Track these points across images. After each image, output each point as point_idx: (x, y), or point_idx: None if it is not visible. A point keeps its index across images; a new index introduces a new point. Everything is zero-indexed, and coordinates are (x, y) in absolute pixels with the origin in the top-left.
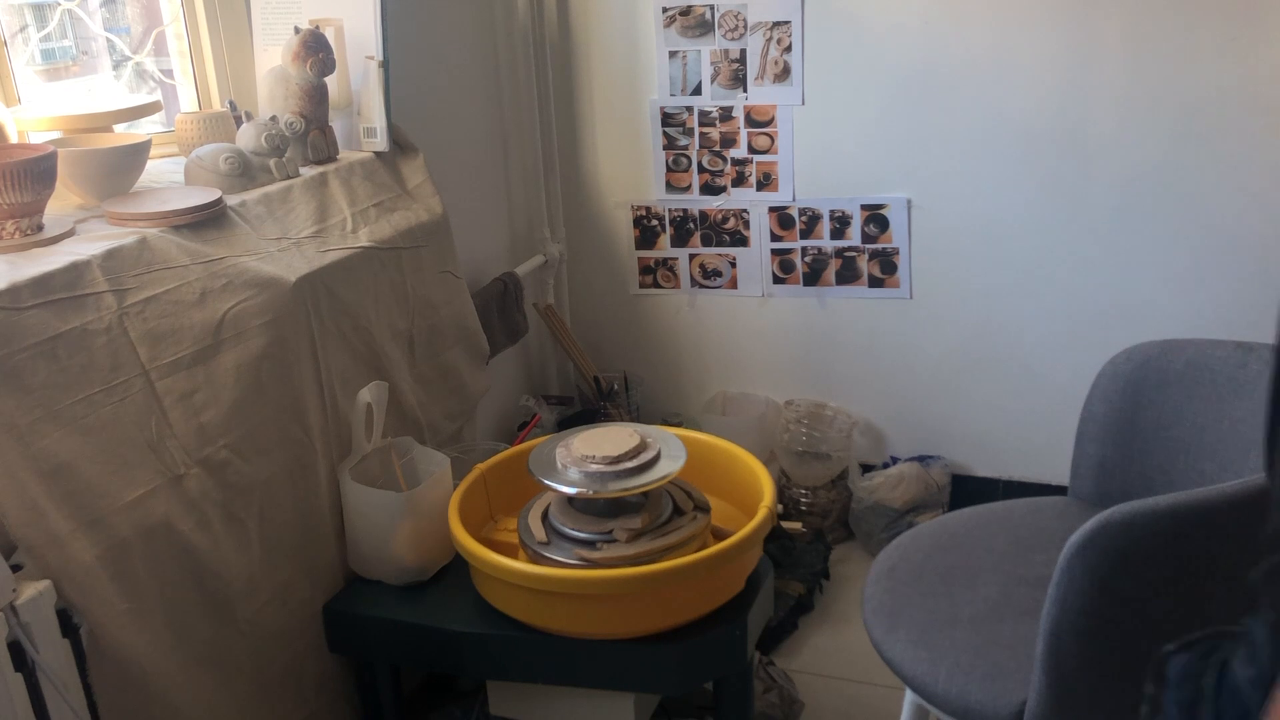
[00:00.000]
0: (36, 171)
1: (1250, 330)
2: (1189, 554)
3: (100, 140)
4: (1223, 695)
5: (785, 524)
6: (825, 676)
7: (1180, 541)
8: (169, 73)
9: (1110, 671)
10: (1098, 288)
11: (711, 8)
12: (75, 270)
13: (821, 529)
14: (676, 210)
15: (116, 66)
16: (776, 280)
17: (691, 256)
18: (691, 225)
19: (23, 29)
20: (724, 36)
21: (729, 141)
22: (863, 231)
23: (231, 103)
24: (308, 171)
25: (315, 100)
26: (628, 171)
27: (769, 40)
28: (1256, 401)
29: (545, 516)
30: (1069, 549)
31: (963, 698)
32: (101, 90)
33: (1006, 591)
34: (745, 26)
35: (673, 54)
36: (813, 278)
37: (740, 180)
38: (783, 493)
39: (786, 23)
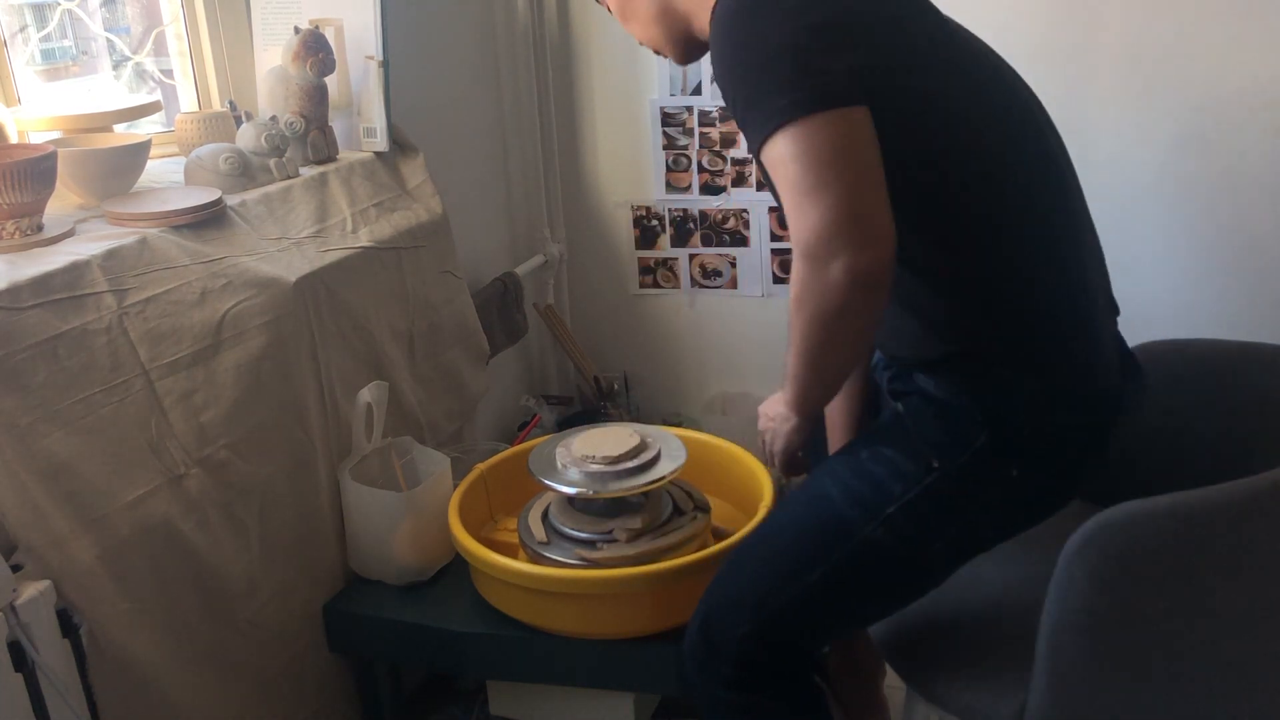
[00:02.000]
0: (36, 171)
1: (1255, 330)
2: (1188, 553)
3: (100, 140)
4: None
5: None
6: None
7: (1180, 540)
8: (169, 73)
9: (1110, 671)
10: None
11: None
12: (75, 270)
13: None
14: (676, 210)
15: (116, 66)
16: (777, 280)
17: (691, 256)
18: (691, 225)
19: (23, 29)
20: None
21: (729, 141)
22: None
23: (231, 103)
24: (308, 171)
25: (315, 100)
26: (628, 171)
27: None
28: (1257, 403)
29: (545, 516)
30: (1068, 548)
31: (962, 697)
32: (101, 90)
33: (1006, 590)
34: None
35: None
36: None
37: (740, 180)
38: (782, 492)
39: None
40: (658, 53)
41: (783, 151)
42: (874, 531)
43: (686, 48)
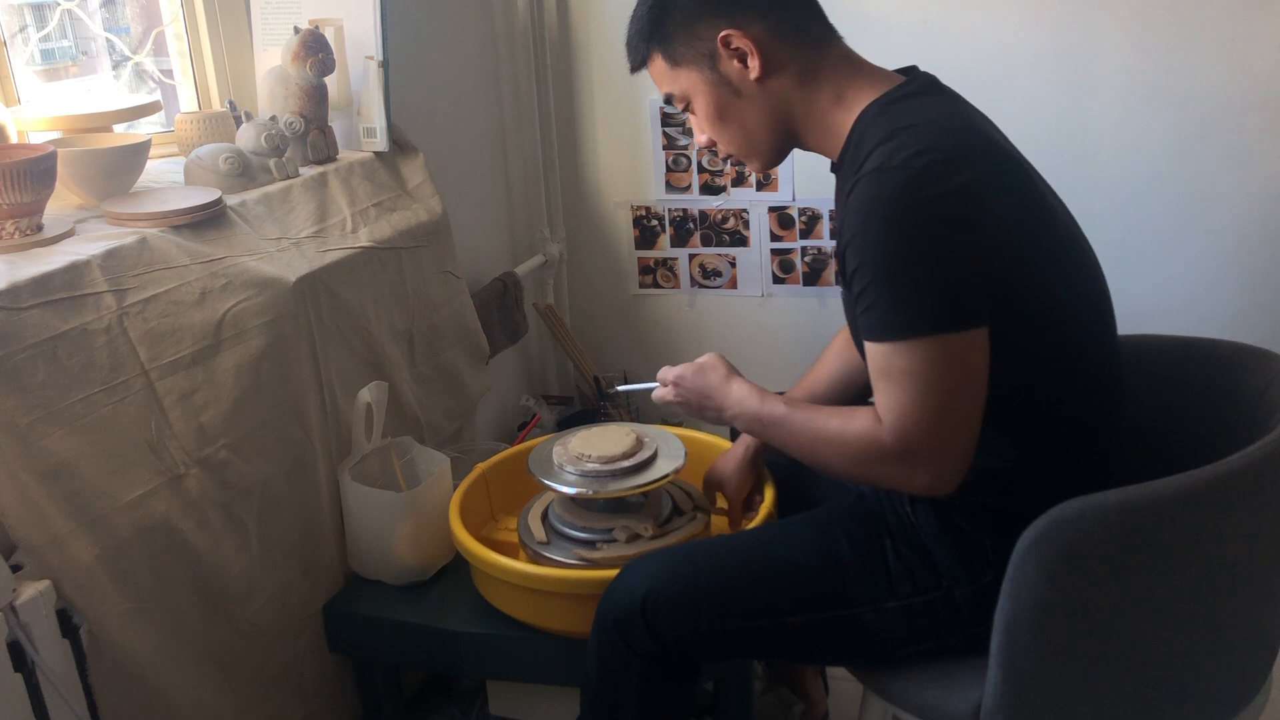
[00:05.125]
0: (36, 171)
1: (1254, 330)
2: (1136, 547)
3: (100, 140)
4: None
5: None
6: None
7: (1128, 535)
8: (169, 73)
9: (1064, 664)
10: None
11: None
12: (75, 270)
13: None
14: (676, 210)
15: (116, 66)
16: (776, 280)
17: (691, 256)
18: (691, 225)
19: (22, 29)
20: None
21: None
22: None
23: (231, 103)
24: (307, 171)
25: (315, 100)
26: (628, 171)
27: None
28: (1199, 395)
29: (545, 516)
30: (1022, 544)
31: (919, 694)
32: (101, 90)
33: None
34: None
35: None
36: (813, 278)
37: (740, 180)
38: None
39: None
40: (737, 161)
41: (902, 362)
42: (868, 613)
43: (780, 156)
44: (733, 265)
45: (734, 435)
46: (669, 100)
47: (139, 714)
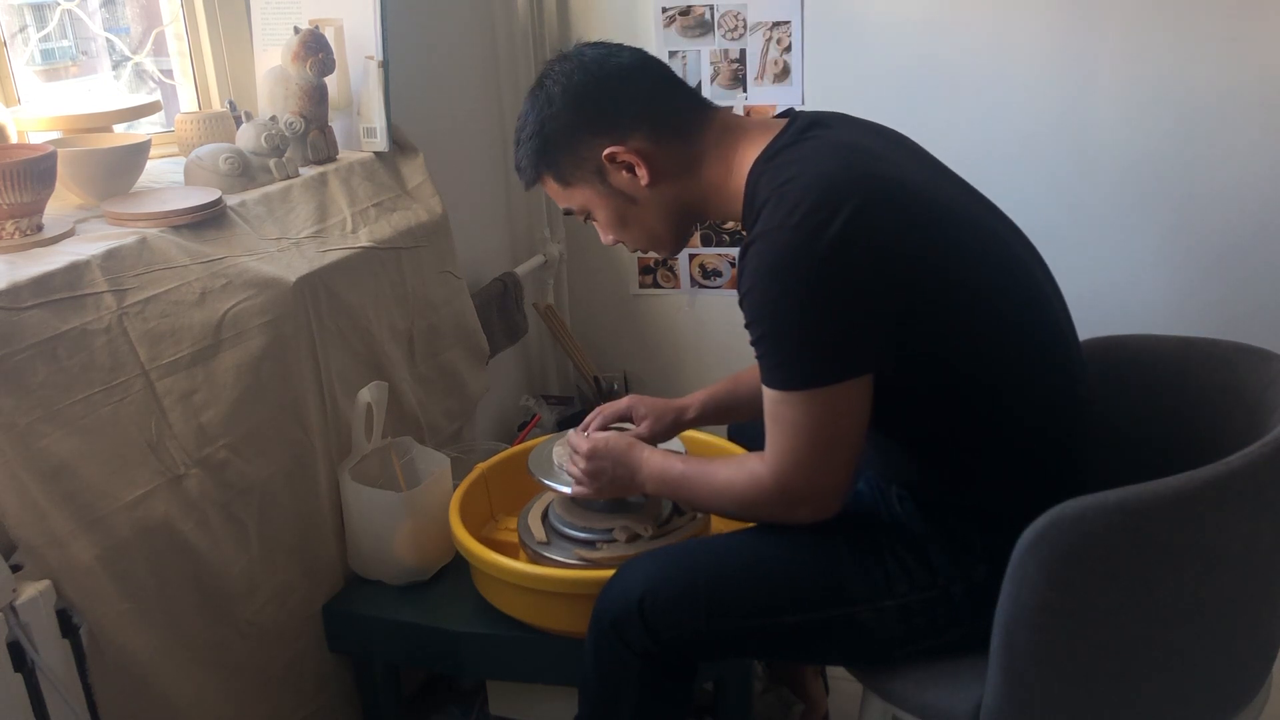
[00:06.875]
0: (36, 171)
1: (1255, 330)
2: (1137, 546)
3: (100, 140)
4: None
5: None
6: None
7: (1129, 534)
8: (169, 73)
9: (1064, 665)
10: (1098, 287)
11: (711, 8)
12: (75, 270)
13: None
14: None
15: (116, 67)
16: None
17: (691, 256)
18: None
19: (22, 29)
20: (724, 37)
21: None
22: None
23: (231, 103)
24: (307, 171)
25: (315, 100)
26: None
27: (769, 40)
28: (1197, 396)
29: (545, 516)
30: (1022, 544)
31: (919, 694)
32: (101, 90)
33: None
34: (745, 26)
35: (672, 54)
36: None
37: None
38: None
39: (786, 23)
40: (640, 252)
41: (786, 411)
42: (866, 612)
43: (686, 239)
44: (733, 265)
45: (732, 435)
46: (569, 213)
47: (139, 714)
